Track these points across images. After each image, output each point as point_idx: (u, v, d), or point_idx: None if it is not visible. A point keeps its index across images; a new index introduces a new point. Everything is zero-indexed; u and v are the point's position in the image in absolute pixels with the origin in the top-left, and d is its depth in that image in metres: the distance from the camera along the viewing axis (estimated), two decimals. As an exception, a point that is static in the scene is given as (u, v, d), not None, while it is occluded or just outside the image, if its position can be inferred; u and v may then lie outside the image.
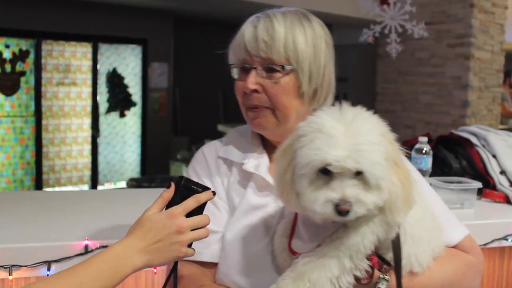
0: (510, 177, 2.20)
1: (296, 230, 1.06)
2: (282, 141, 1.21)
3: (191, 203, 1.03)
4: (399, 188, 0.95)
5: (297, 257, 1.02)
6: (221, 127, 6.57)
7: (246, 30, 1.16)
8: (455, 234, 1.19)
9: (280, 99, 1.15)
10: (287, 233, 1.08)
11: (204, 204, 1.06)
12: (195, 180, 1.17)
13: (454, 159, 2.33)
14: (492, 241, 1.85)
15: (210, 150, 1.29)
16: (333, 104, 1.16)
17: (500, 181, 2.20)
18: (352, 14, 6.36)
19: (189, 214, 1.02)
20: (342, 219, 0.92)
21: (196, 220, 1.03)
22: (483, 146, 2.31)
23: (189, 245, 1.03)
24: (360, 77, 7.58)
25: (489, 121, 6.82)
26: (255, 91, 1.16)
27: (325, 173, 0.92)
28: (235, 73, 1.21)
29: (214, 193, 1.06)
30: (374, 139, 0.92)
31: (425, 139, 2.11)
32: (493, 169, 2.23)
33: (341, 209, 0.89)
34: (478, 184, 2.05)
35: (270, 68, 1.14)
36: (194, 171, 1.27)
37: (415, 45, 6.64)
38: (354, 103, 1.27)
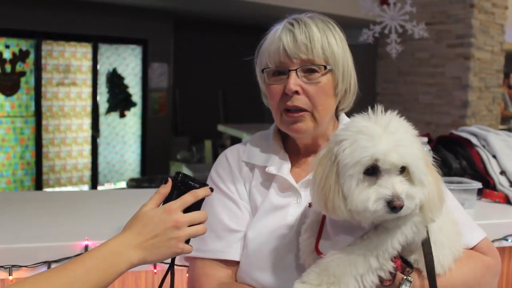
0: (510, 178, 2.20)
1: (324, 231, 1.06)
2: (310, 143, 1.26)
3: (188, 198, 1.02)
4: (434, 187, 0.98)
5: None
6: (221, 127, 6.57)
7: (283, 35, 1.19)
8: (473, 237, 1.21)
9: (320, 100, 1.19)
10: (315, 234, 1.08)
11: (202, 200, 1.04)
12: (217, 179, 1.22)
13: (454, 160, 2.33)
14: (492, 241, 1.85)
15: (233, 154, 1.32)
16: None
17: (500, 181, 2.20)
18: (352, 14, 6.36)
19: (186, 210, 1.01)
20: (394, 216, 0.93)
21: (193, 215, 1.01)
22: (483, 146, 2.31)
23: (187, 242, 1.01)
24: (360, 77, 7.56)
25: (489, 121, 6.82)
26: (296, 92, 1.18)
27: (370, 174, 0.94)
28: (266, 77, 1.23)
29: (211, 189, 1.06)
30: (411, 138, 0.97)
31: (425, 139, 2.11)
32: (493, 169, 2.23)
33: (395, 204, 0.91)
34: (478, 185, 2.05)
35: (309, 69, 1.18)
36: (218, 175, 1.30)
37: (415, 45, 6.63)
38: (355, 103, 1.29)
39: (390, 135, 0.94)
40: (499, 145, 2.28)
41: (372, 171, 0.93)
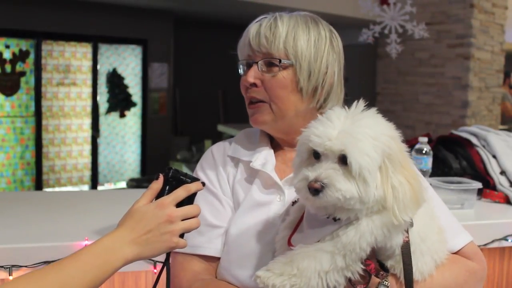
0: (510, 178, 2.20)
1: (300, 226, 1.06)
2: (284, 138, 1.25)
3: (181, 193, 1.02)
4: (407, 187, 0.94)
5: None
6: (221, 127, 6.56)
7: (252, 28, 1.21)
8: (457, 241, 1.19)
9: (276, 92, 1.19)
10: (291, 229, 1.07)
11: (194, 194, 1.05)
12: (201, 174, 1.22)
13: (454, 160, 2.33)
14: (492, 241, 1.85)
15: (219, 149, 1.32)
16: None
17: (500, 181, 2.20)
18: (352, 14, 6.36)
19: (179, 205, 1.01)
20: (317, 200, 0.92)
21: (186, 210, 1.01)
22: (483, 146, 2.31)
23: (181, 236, 1.01)
24: (360, 77, 7.58)
25: (489, 121, 6.82)
26: (254, 84, 1.20)
27: (317, 157, 0.95)
28: (241, 69, 1.25)
29: (203, 183, 1.06)
30: (374, 134, 0.93)
31: (425, 139, 2.11)
32: (493, 169, 2.23)
33: (309, 185, 0.92)
34: (478, 185, 2.05)
35: (270, 63, 1.18)
36: (202, 169, 1.30)
37: (415, 45, 6.63)
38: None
39: (347, 125, 0.93)
40: (499, 145, 2.28)
41: (318, 155, 0.95)
